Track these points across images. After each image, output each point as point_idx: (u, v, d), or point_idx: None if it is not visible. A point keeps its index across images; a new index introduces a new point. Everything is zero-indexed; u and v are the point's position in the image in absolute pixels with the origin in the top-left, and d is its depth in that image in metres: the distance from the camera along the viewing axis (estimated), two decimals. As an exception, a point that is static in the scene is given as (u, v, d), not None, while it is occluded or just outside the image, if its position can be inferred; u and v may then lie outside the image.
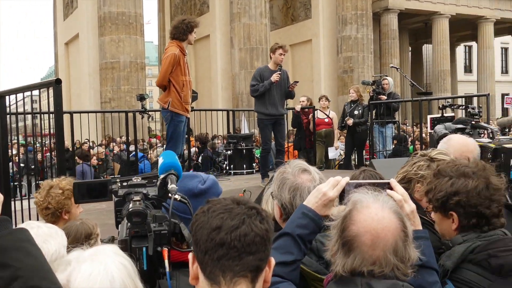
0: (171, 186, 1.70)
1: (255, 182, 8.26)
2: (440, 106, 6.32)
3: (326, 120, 11.07)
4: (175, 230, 1.69)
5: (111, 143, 13.48)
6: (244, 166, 10.24)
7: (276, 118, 8.04)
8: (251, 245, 1.37)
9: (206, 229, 1.39)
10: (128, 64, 18.93)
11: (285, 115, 8.39)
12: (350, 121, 10.55)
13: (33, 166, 7.90)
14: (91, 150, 11.79)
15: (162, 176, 1.77)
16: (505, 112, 39.19)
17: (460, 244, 2.09)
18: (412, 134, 12.08)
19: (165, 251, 1.60)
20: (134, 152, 10.43)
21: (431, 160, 2.63)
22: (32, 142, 8.84)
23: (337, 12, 23.89)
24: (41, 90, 5.18)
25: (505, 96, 11.41)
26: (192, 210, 1.78)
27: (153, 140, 14.85)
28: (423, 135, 10.39)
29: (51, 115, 4.37)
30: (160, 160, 1.87)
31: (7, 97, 4.71)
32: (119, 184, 1.85)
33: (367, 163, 12.00)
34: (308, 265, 2.03)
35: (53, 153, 8.11)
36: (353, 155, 11.51)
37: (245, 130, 13.46)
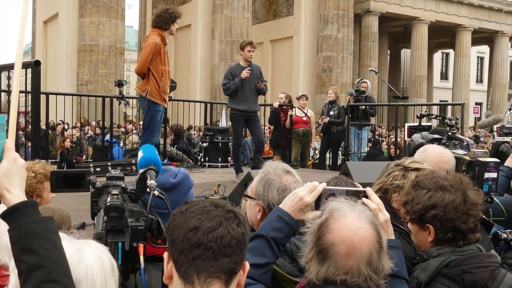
0: (150, 182, 1.69)
1: (230, 176, 8.26)
2: (418, 115, 6.41)
3: (304, 119, 11.10)
4: (151, 226, 1.68)
5: (86, 126, 13.33)
6: (219, 159, 10.22)
7: (249, 115, 8.07)
8: (227, 248, 1.38)
9: (183, 229, 1.39)
10: (107, 48, 18.71)
11: (258, 112, 8.42)
12: (325, 119, 10.65)
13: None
14: (65, 132, 11.65)
15: (141, 171, 1.76)
16: (477, 121, 39.91)
17: (435, 257, 2.11)
18: (387, 138, 12.20)
19: (141, 247, 1.59)
20: (108, 138, 10.32)
21: (406, 170, 2.65)
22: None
23: (319, 11, 23.96)
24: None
25: (473, 106, 11.63)
26: (169, 205, 1.77)
27: (129, 126, 14.72)
28: (398, 139, 10.51)
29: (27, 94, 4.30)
30: (140, 154, 1.86)
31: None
32: (92, 170, 1.84)
33: (341, 163, 12.13)
34: (281, 266, 2.05)
35: (26, 131, 7.96)
36: (328, 155, 11.60)
37: (222, 123, 13.43)
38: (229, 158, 10.34)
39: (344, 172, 5.53)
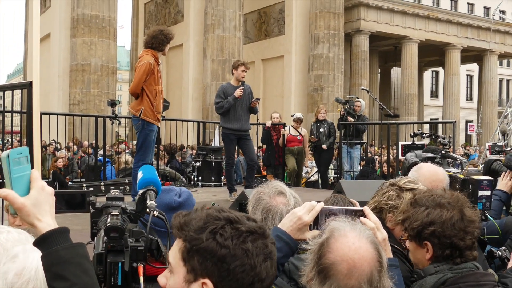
0: (150, 202, 1.70)
1: (223, 196, 8.27)
2: (412, 134, 6.45)
3: (299, 138, 11.17)
4: (151, 246, 1.69)
5: (74, 146, 13.32)
6: (213, 178, 10.22)
7: (241, 134, 8.11)
8: None
9: None
10: (99, 68, 18.77)
11: (249, 131, 8.46)
12: (324, 146, 10.75)
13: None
14: (56, 152, 11.60)
15: (141, 191, 1.76)
16: (468, 138, 40.19)
17: (432, 274, 2.11)
18: (380, 156, 12.26)
19: (141, 267, 1.59)
20: (100, 158, 10.31)
21: (401, 190, 2.66)
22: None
23: (310, 30, 24.17)
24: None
25: (469, 124, 11.75)
26: (169, 224, 1.78)
27: (122, 146, 14.71)
28: (391, 158, 10.55)
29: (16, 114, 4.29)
30: (140, 175, 1.86)
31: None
32: (85, 189, 1.85)
33: (332, 181, 12.14)
34: (280, 285, 2.05)
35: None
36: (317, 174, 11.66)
37: (215, 142, 13.46)
38: (222, 177, 10.34)
39: (338, 190, 5.55)
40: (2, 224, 3.98)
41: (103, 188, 8.08)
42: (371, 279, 1.61)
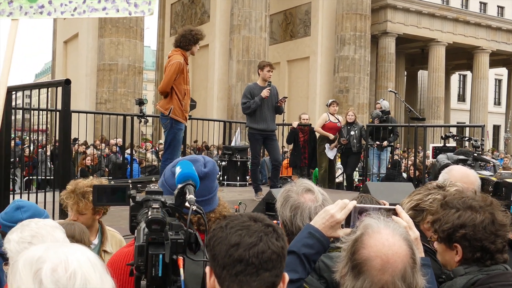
0: (190, 196, 1.73)
1: (249, 195, 8.30)
2: (443, 136, 6.39)
3: (338, 124, 10.99)
4: (190, 240, 1.73)
5: (102, 144, 13.49)
6: (238, 178, 10.28)
7: (267, 134, 8.13)
8: (268, 262, 1.43)
9: (224, 245, 1.44)
10: (126, 67, 18.98)
11: (275, 131, 8.48)
12: (345, 141, 10.67)
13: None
14: (85, 149, 11.78)
15: (180, 186, 1.80)
16: (496, 143, 39.59)
17: (461, 275, 2.12)
18: (406, 159, 12.17)
19: (181, 259, 1.63)
20: (127, 156, 10.43)
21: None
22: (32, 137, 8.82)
23: (336, 32, 24.10)
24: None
25: (491, 128, 11.62)
26: (203, 211, 1.81)
27: (148, 144, 14.87)
28: (417, 161, 10.48)
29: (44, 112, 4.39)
30: (178, 170, 1.90)
31: (13, 93, 4.73)
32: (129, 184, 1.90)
33: (357, 184, 12.09)
34: (310, 283, 2.07)
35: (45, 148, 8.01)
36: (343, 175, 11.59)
37: (236, 142, 13.52)
38: (247, 177, 10.38)
39: (364, 192, 5.55)
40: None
41: (131, 186, 8.15)
42: (404, 275, 1.62)
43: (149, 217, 1.62)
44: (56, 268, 1.22)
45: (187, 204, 1.75)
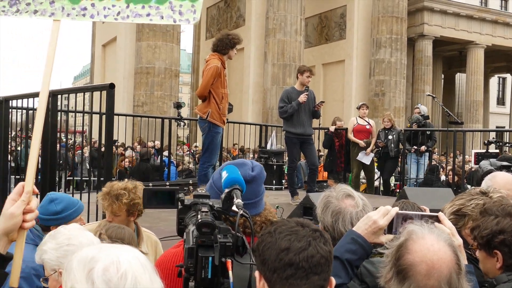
0: (237, 201, 1.78)
1: (285, 199, 8.33)
2: (486, 141, 6.29)
3: (368, 127, 10.73)
4: (237, 243, 1.77)
5: (139, 146, 13.70)
6: (274, 181, 10.30)
7: (304, 138, 8.14)
8: (317, 266, 1.47)
9: (274, 250, 1.50)
10: (163, 71, 19.24)
11: (312, 135, 8.48)
12: (382, 144, 10.56)
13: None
14: (123, 151, 11.99)
15: (227, 190, 1.85)
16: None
17: (505, 282, 2.11)
18: (445, 164, 12.00)
19: (229, 262, 1.67)
20: (165, 158, 10.57)
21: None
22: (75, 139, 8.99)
23: (372, 35, 23.90)
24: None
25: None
26: (249, 214, 1.85)
27: (185, 148, 15.05)
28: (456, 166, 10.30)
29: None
30: (224, 174, 1.95)
31: (59, 96, 4.89)
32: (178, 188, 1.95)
33: (393, 188, 11.98)
34: (351, 288, 2.10)
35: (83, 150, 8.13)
36: (379, 180, 11.49)
37: (271, 146, 13.57)
38: (283, 181, 10.39)
39: (402, 197, 5.51)
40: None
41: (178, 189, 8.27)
42: (450, 281, 1.63)
43: (199, 220, 1.67)
44: (108, 268, 1.27)
45: (234, 208, 1.80)
